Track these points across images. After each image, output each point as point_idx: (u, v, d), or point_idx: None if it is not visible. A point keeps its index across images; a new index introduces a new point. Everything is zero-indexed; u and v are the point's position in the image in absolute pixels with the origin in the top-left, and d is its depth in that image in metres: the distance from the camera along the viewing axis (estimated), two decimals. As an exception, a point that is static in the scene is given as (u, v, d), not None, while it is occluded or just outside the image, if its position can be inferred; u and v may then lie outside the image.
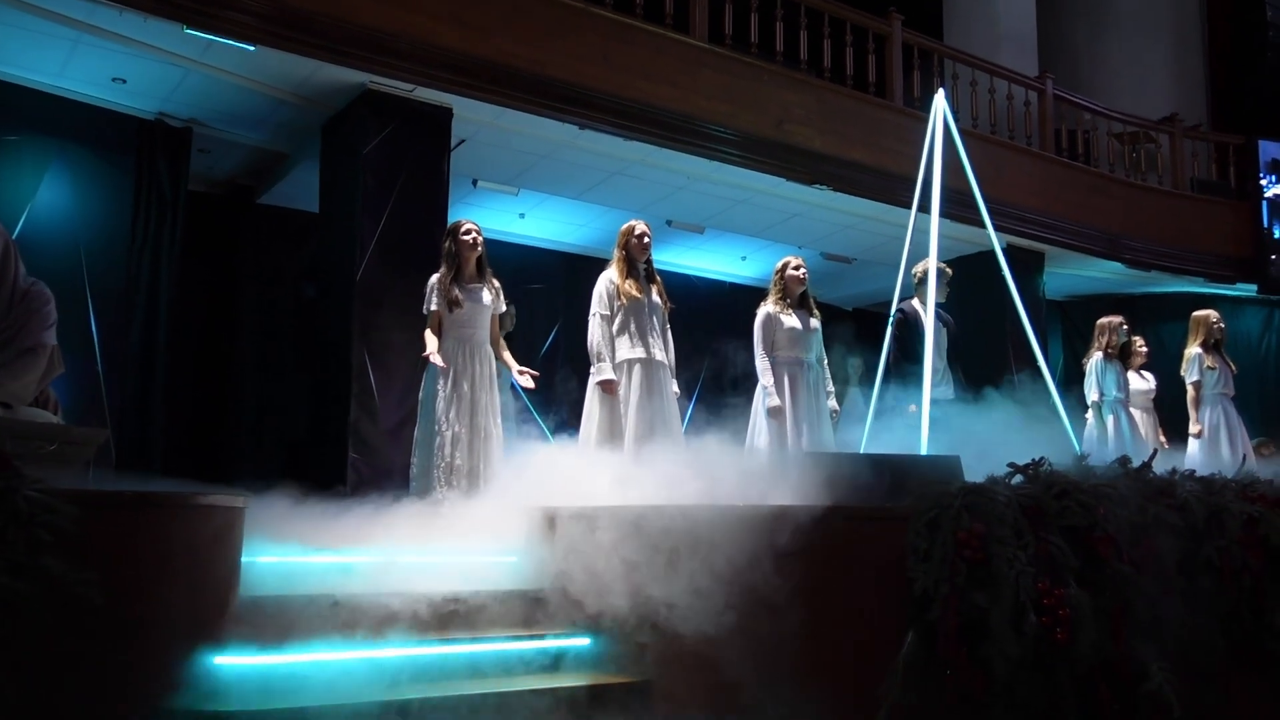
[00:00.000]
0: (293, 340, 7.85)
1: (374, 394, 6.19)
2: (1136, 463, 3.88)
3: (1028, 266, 9.48)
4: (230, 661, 2.94)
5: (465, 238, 5.35)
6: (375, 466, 6.03)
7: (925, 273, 6.08)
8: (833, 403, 6.08)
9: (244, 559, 3.24)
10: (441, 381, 5.17)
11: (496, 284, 5.46)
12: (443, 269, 5.33)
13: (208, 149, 7.36)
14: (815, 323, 6.12)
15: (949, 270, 6.54)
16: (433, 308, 5.28)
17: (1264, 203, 10.98)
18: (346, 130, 6.72)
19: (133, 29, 5.82)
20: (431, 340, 5.21)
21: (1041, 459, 3.58)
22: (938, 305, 6.28)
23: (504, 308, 5.50)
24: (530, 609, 3.68)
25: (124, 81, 6.49)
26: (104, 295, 6.60)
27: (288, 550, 3.64)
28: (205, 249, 7.86)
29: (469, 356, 5.25)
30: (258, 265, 8.13)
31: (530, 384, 5.41)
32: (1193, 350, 7.51)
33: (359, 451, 6.10)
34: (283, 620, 3.18)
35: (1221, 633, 3.64)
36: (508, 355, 5.48)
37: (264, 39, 5.94)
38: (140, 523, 2.79)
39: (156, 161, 6.93)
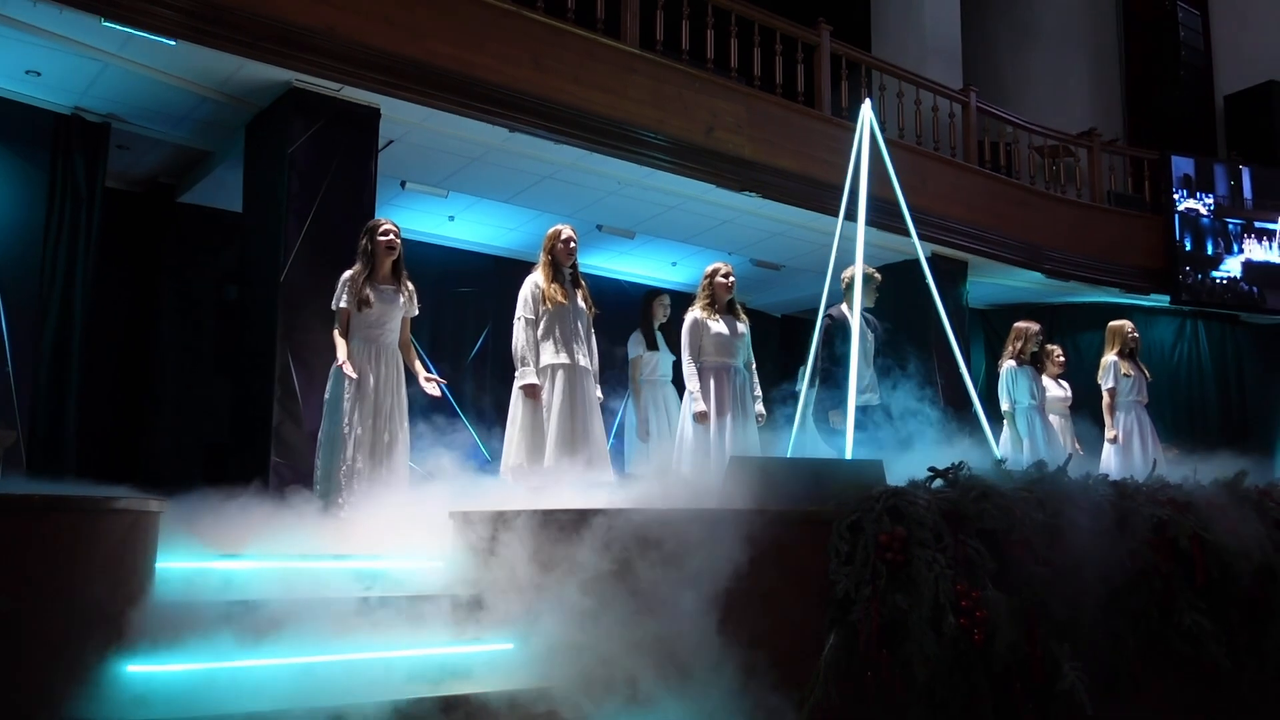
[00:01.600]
0: (214, 341, 7.69)
1: (297, 397, 6.08)
2: (1052, 468, 3.98)
3: (951, 275, 9.67)
4: (144, 669, 2.87)
5: (382, 238, 5.29)
6: (298, 469, 5.92)
7: (852, 278, 6.17)
8: (759, 407, 6.13)
9: (159, 564, 3.16)
10: (348, 382, 5.09)
11: (411, 287, 5.40)
12: (356, 266, 5.27)
13: (127, 145, 7.18)
14: (743, 328, 6.18)
15: (878, 276, 6.65)
16: (342, 304, 5.20)
17: (1176, 216, 11.33)
18: (271, 129, 6.60)
19: (48, 20, 5.65)
20: (341, 346, 5.13)
21: (961, 463, 3.65)
22: (866, 310, 6.40)
23: (416, 311, 5.43)
24: (452, 613, 3.64)
25: (39, 74, 6.30)
26: (16, 293, 6.40)
27: (204, 555, 3.56)
28: (124, 248, 7.66)
29: (375, 358, 5.19)
30: (178, 265, 7.94)
31: (436, 391, 5.38)
32: (1109, 358, 7.71)
33: (281, 455, 5.99)
34: (199, 626, 3.11)
35: (1132, 633, 3.74)
36: (416, 361, 5.43)
37: (185, 34, 5.80)
38: (48, 527, 2.71)
39: (73, 157, 6.74)
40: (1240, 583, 4.11)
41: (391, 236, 5.31)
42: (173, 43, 5.83)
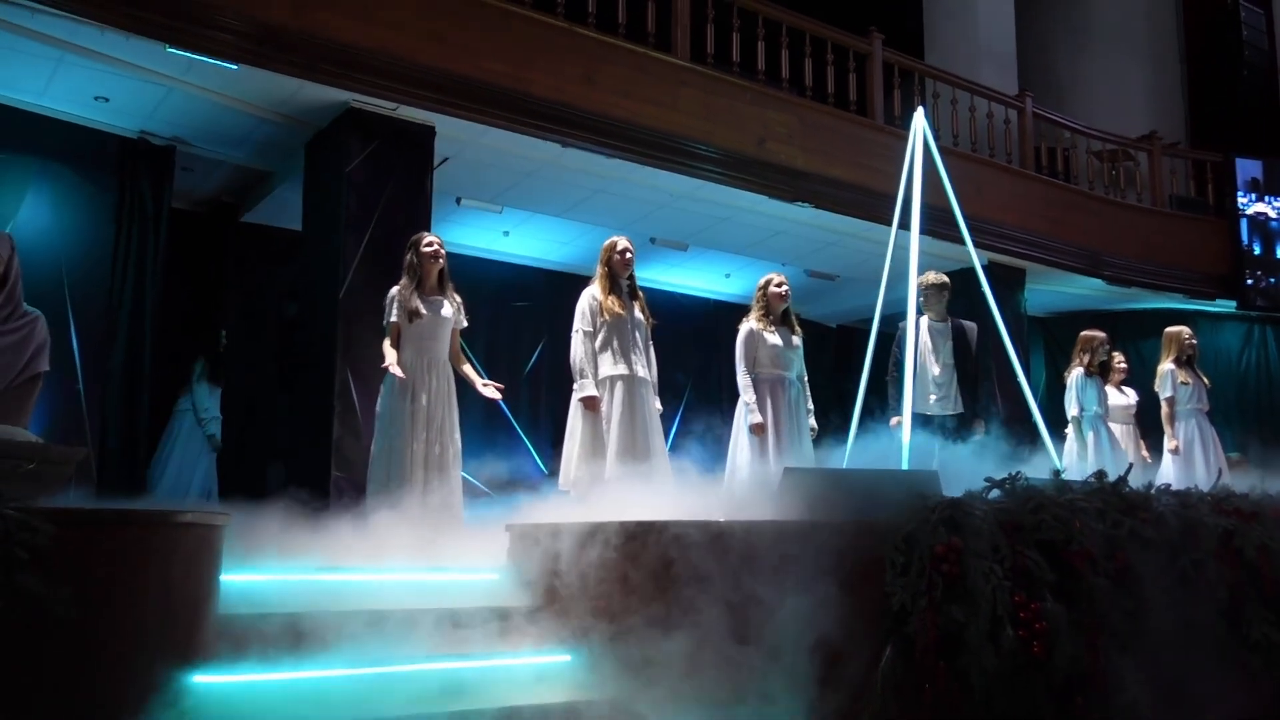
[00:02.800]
0: (276, 358, 7.84)
1: (357, 411, 6.18)
2: (1113, 477, 3.92)
3: (1009, 283, 9.55)
4: (209, 680, 2.93)
5: (426, 249, 5.33)
6: (358, 484, 6.01)
7: (921, 286, 6.18)
8: (812, 420, 6.09)
9: (224, 577, 3.23)
10: (400, 395, 5.12)
11: (458, 298, 5.42)
12: (403, 280, 5.31)
13: (191, 167, 7.37)
14: (797, 340, 6.15)
15: (948, 282, 6.59)
16: (392, 319, 5.22)
17: (1242, 220, 11.10)
18: (330, 149, 6.74)
19: (115, 48, 5.83)
20: (390, 353, 5.14)
21: (1018, 474, 3.61)
22: (952, 315, 6.43)
23: (464, 322, 5.46)
24: (510, 625, 3.68)
25: (106, 100, 6.50)
26: (86, 314, 6.59)
27: (268, 568, 3.63)
28: (189, 267, 7.87)
29: (427, 370, 5.19)
30: (241, 283, 8.13)
31: (495, 394, 5.38)
32: (1166, 366, 7.57)
33: (342, 469, 6.09)
34: (261, 638, 3.17)
35: (1197, 645, 3.67)
36: (468, 368, 5.43)
37: (246, 58, 5.96)
38: (116, 540, 2.78)
39: (139, 180, 6.94)
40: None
41: (435, 247, 5.36)
42: (234, 67, 5.98)
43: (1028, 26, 12.30)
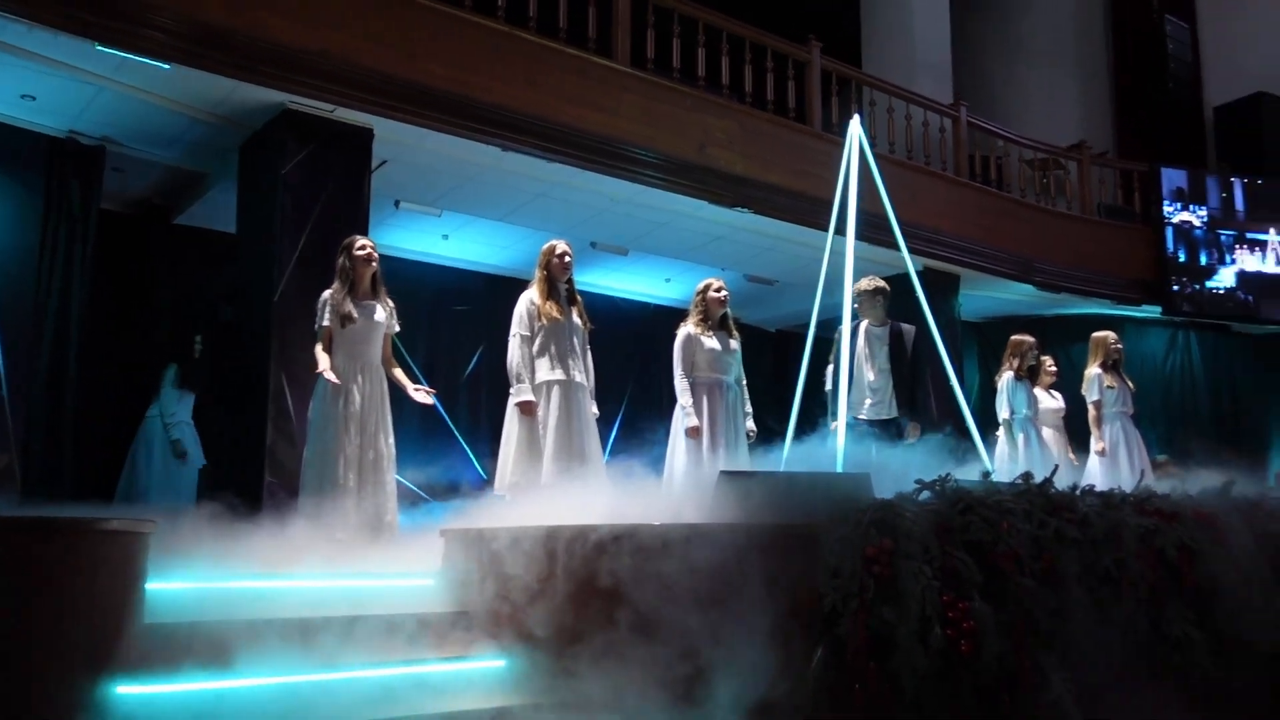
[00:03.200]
0: (208, 363, 7.71)
1: (291, 416, 6.11)
2: (1040, 479, 4.01)
3: (943, 288, 9.70)
4: (133, 691, 2.88)
5: (360, 253, 5.29)
6: (291, 489, 5.94)
7: (857, 292, 6.25)
8: (750, 424, 6.15)
9: (149, 585, 3.18)
10: (332, 399, 5.07)
11: (391, 303, 5.39)
12: (335, 284, 5.26)
13: (121, 167, 7.22)
14: (735, 344, 6.20)
15: (885, 286, 6.64)
16: (324, 324, 5.17)
17: (1167, 228, 11.40)
18: (265, 150, 6.65)
19: (43, 45, 5.71)
20: (323, 357, 5.09)
21: (948, 476, 3.68)
22: (894, 318, 6.51)
23: (397, 327, 5.42)
24: (444, 630, 3.67)
25: (33, 99, 6.35)
26: (10, 315, 6.42)
27: (196, 575, 3.58)
28: (119, 270, 7.70)
29: (360, 374, 5.15)
30: (173, 286, 7.98)
31: (428, 399, 5.37)
32: (1092, 370, 7.75)
33: (275, 474, 6.01)
34: (189, 647, 3.13)
35: (1119, 642, 3.76)
36: (400, 373, 5.39)
37: (179, 57, 5.86)
38: (38, 548, 2.73)
39: (67, 180, 6.78)
40: (1229, 592, 4.14)
41: (369, 250, 5.32)
42: (167, 66, 5.88)
43: (962, 37, 12.53)
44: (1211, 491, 4.77)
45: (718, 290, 6.21)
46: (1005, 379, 7.64)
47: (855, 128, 6.06)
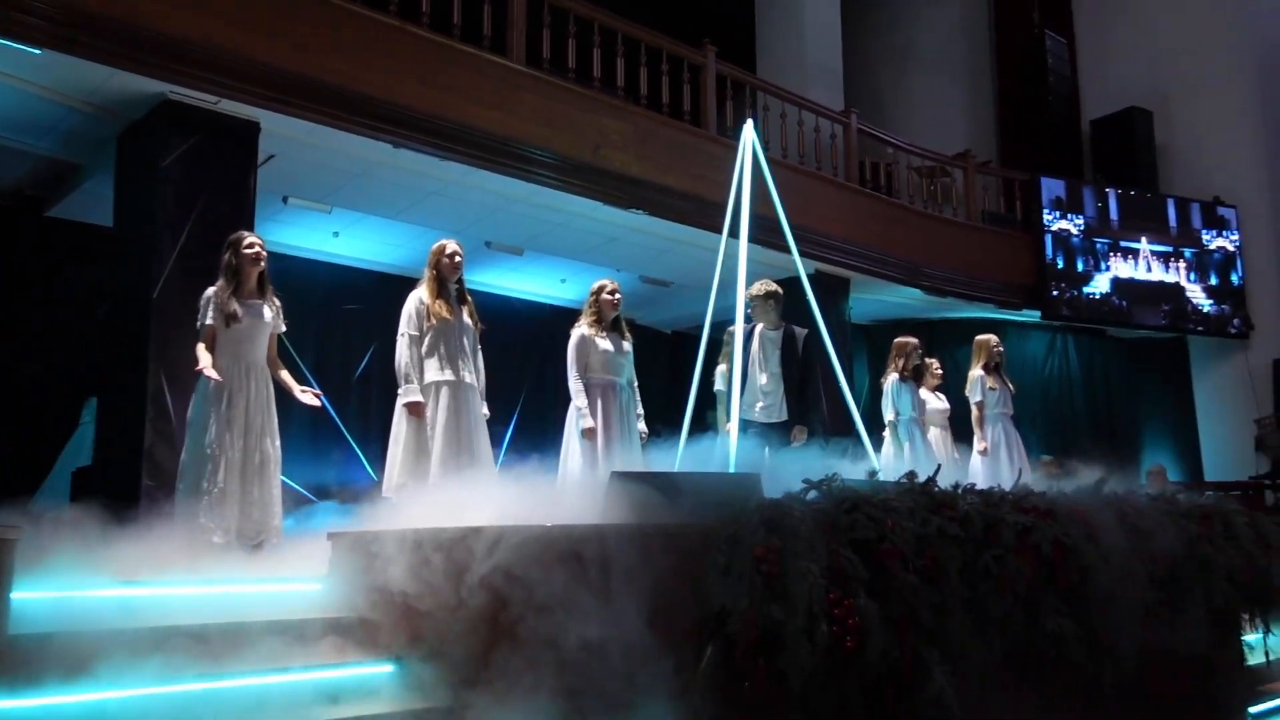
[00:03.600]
0: (83, 361, 7.40)
1: (171, 418, 5.90)
2: (924, 478, 4.11)
3: (834, 292, 9.91)
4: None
5: (247, 251, 5.14)
6: (171, 492, 5.74)
7: (754, 294, 6.31)
8: (642, 425, 6.17)
9: (14, 595, 3.03)
10: (215, 400, 4.92)
11: (278, 302, 5.26)
12: (220, 282, 5.10)
13: (-11, 157, 6.91)
14: (628, 346, 6.21)
15: (778, 290, 6.71)
16: (207, 322, 5.00)
17: (1047, 236, 11.84)
18: (145, 141, 6.42)
19: (-99, 26, 5.42)
20: (205, 355, 4.93)
21: (835, 475, 3.74)
22: (787, 321, 6.59)
23: (283, 327, 5.28)
24: (331, 636, 3.58)
25: (-109, 82, 6.02)
26: None
27: (65, 584, 3.42)
28: (-14, 263, 7.36)
29: (244, 375, 5.01)
30: (46, 281, 7.64)
31: (314, 401, 5.27)
32: (975, 372, 7.98)
33: (153, 477, 5.80)
34: (59, 657, 2.99)
35: (997, 636, 3.88)
36: (286, 375, 5.26)
37: (51, 42, 5.61)
38: (-110, 557, 2.58)
39: (-70, 169, 6.45)
40: (1100, 586, 4.30)
41: (257, 249, 5.17)
42: (38, 51, 5.64)
43: (854, 46, 12.81)
44: (1085, 490, 4.96)
45: (611, 292, 6.21)
46: (890, 381, 7.81)
47: (749, 132, 6.13)
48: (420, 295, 5.47)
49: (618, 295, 6.23)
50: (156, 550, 4.15)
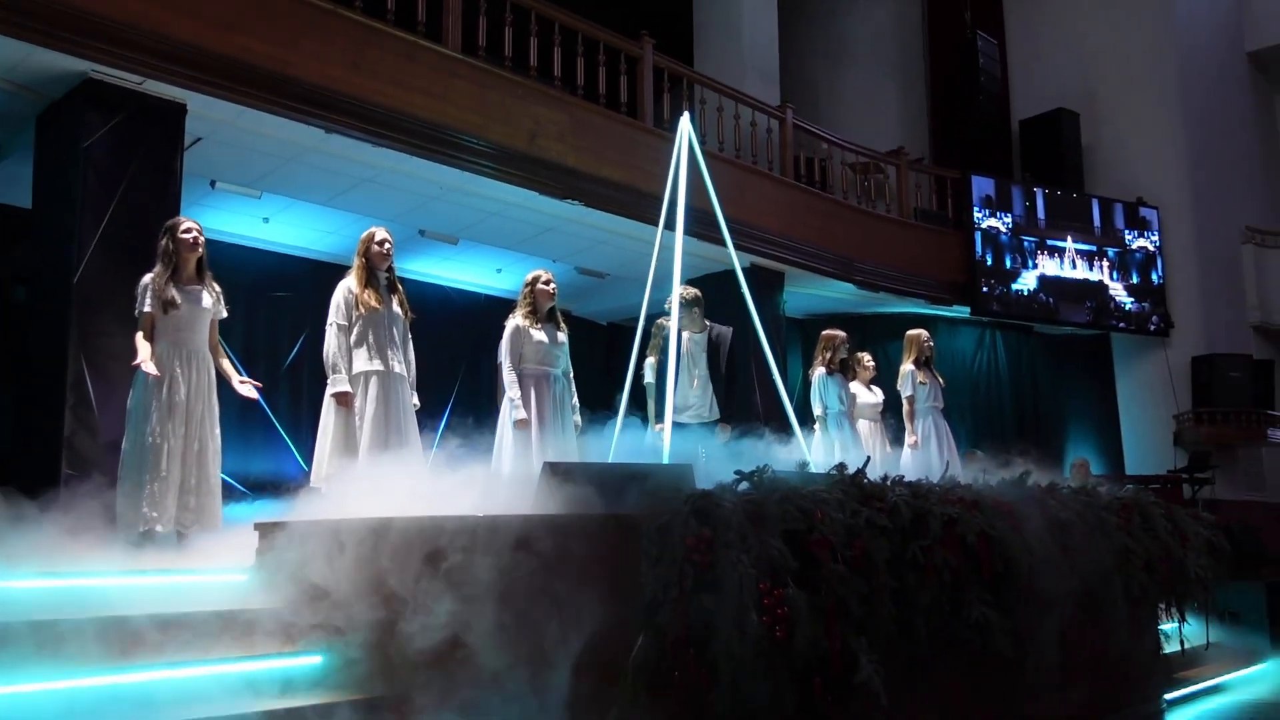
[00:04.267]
0: (0, 346, 7.18)
1: (92, 405, 5.75)
2: (853, 470, 4.15)
3: (769, 285, 9.98)
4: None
5: (185, 236, 5.06)
6: (93, 481, 5.58)
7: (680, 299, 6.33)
8: (577, 416, 6.17)
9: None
10: (154, 389, 4.85)
11: (218, 288, 5.20)
12: (158, 268, 5.02)
13: (-101, 134, 6.65)
14: (563, 337, 6.20)
15: (699, 294, 6.71)
16: (145, 309, 4.94)
17: (977, 233, 12.05)
18: (65, 121, 6.23)
19: None
20: (143, 347, 4.87)
21: (765, 466, 3.76)
22: (713, 319, 6.63)
23: (224, 313, 5.23)
24: (255, 628, 3.53)
25: None
26: None
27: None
28: (-104, 244, 7.09)
29: (185, 362, 4.95)
30: (-40, 264, 7.39)
31: (253, 394, 5.22)
32: (906, 367, 8.10)
33: (74, 466, 5.64)
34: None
35: (924, 625, 3.94)
36: (227, 364, 5.22)
37: (-35, 17, 5.43)
38: None
39: None
40: (1023, 576, 4.39)
41: (195, 234, 5.09)
42: (-49, 25, 5.44)
43: (790, 42, 12.90)
44: (1010, 481, 5.06)
45: (546, 282, 6.19)
46: (817, 374, 7.88)
47: (685, 125, 6.14)
48: (349, 284, 5.41)
49: (553, 286, 6.21)
50: (79, 539, 4.05)
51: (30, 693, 2.89)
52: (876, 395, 8.37)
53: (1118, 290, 12.73)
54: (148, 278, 5.01)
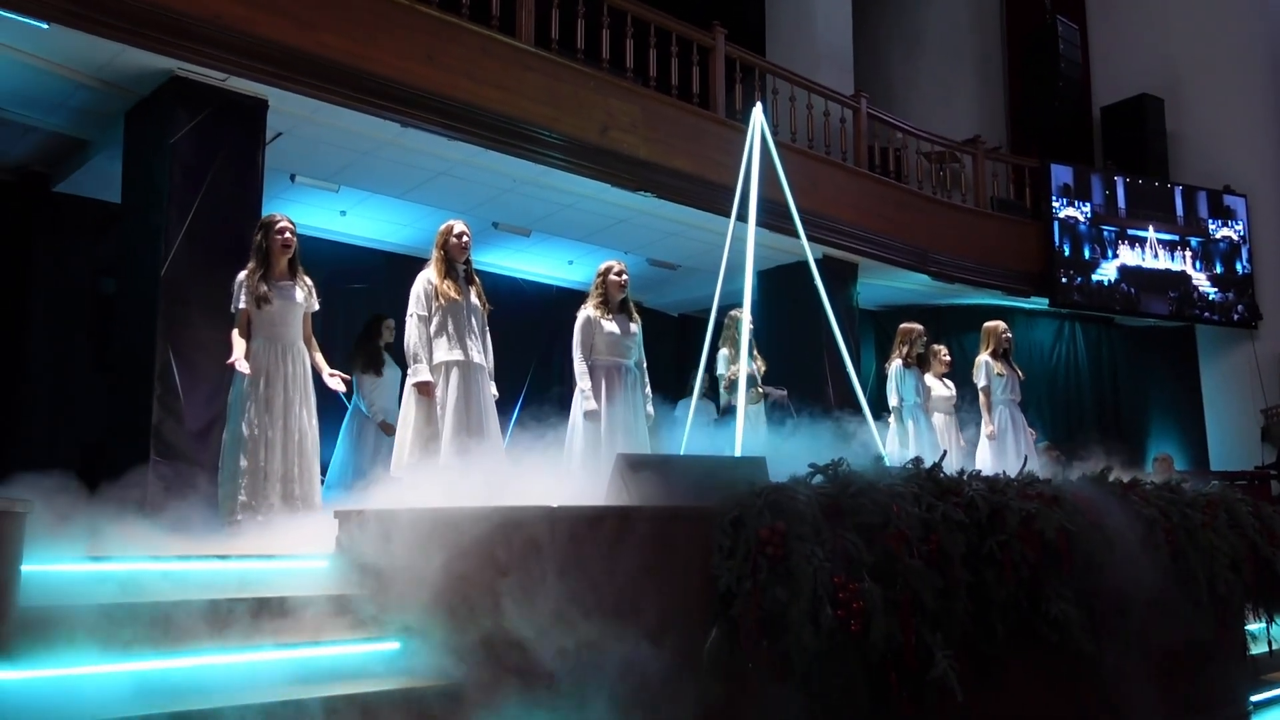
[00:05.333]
0: (91, 337, 7.41)
1: (179, 395, 5.92)
2: (929, 464, 4.11)
3: (842, 277, 9.88)
4: (8, 676, 2.77)
5: (279, 236, 5.17)
6: (180, 470, 5.77)
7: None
8: (649, 407, 6.17)
9: (25, 567, 3.05)
10: (252, 382, 4.99)
11: (309, 282, 5.31)
12: (251, 264, 5.14)
13: (-3, 132, 6.90)
14: (635, 328, 6.21)
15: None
16: (240, 305, 5.08)
17: (1055, 223, 11.80)
18: (152, 118, 6.41)
19: (-90, -1, 5.40)
20: (238, 344, 5.01)
21: (840, 459, 3.74)
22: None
23: (316, 306, 5.35)
24: (337, 613, 3.60)
25: (-99, 56, 6.01)
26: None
27: (75, 558, 3.45)
28: (-6, 237, 7.37)
29: (280, 356, 5.07)
30: (53, 257, 7.64)
31: (341, 386, 5.33)
32: (983, 358, 7.97)
33: (161, 454, 5.82)
34: (69, 630, 3.01)
35: (1001, 621, 3.89)
36: (319, 357, 5.33)
37: (59, 16, 5.59)
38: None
39: (-62, 144, 6.45)
40: (1103, 573, 4.31)
41: (288, 234, 5.20)
42: (45, 25, 5.61)
43: (864, 31, 12.74)
44: (1090, 476, 4.96)
45: (618, 273, 6.21)
46: (894, 367, 7.81)
47: (758, 115, 6.12)
48: (428, 276, 5.47)
49: (624, 277, 6.22)
50: (165, 525, 4.17)
51: (115, 673, 2.98)
52: (951, 388, 8.26)
53: (1201, 280, 12.37)
54: (242, 275, 5.14)
